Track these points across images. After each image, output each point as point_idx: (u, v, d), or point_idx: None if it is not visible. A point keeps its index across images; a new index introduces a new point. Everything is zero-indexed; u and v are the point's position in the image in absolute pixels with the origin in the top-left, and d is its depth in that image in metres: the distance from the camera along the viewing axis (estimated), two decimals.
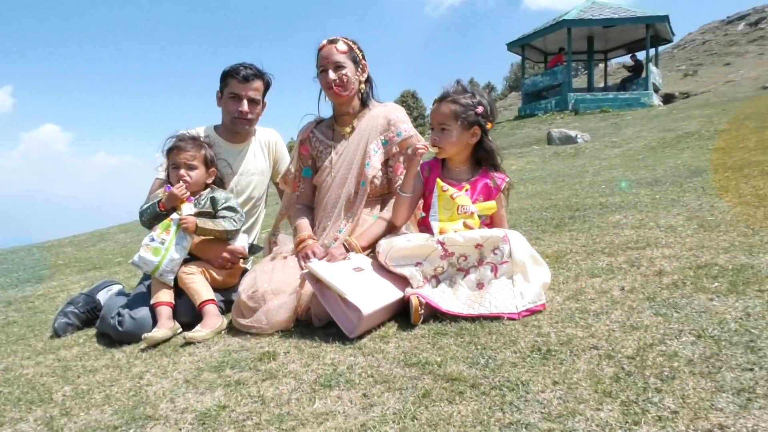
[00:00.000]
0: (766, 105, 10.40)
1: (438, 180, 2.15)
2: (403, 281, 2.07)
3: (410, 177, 2.23)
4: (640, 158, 7.03)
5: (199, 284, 2.30)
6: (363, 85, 2.51)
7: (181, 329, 2.24)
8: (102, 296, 2.65)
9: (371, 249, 2.32)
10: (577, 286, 2.10)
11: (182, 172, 2.41)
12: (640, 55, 18.21)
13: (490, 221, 2.23)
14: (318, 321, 2.07)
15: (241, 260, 2.56)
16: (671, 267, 2.14)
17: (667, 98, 18.45)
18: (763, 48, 23.15)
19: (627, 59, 19.34)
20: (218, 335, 2.15)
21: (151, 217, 2.42)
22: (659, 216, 3.11)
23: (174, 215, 2.34)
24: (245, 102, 2.74)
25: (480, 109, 2.14)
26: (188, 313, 2.30)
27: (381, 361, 1.65)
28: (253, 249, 2.65)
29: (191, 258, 2.42)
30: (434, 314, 1.94)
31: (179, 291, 2.35)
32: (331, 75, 2.40)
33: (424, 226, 2.26)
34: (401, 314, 2.02)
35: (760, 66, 20.40)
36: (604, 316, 1.74)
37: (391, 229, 2.36)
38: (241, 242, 2.51)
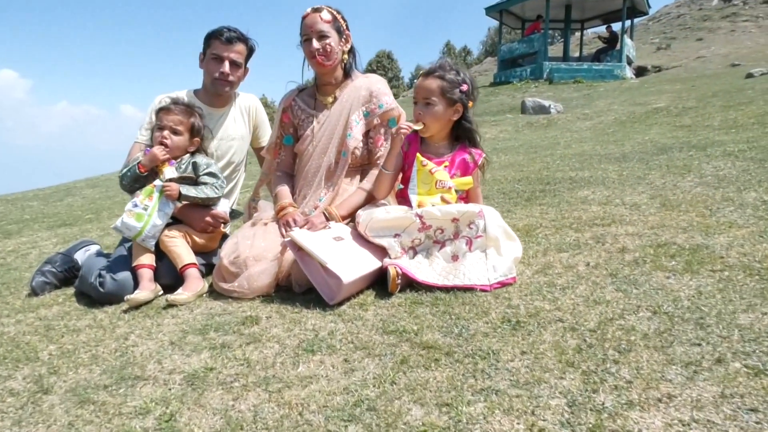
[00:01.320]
0: (732, 83, 10.66)
1: (418, 155, 2.21)
2: (381, 251, 2.15)
3: (393, 155, 2.29)
4: (610, 132, 7.21)
5: (181, 248, 2.34)
6: (346, 56, 2.53)
7: (162, 291, 2.29)
8: (80, 256, 2.66)
9: (350, 218, 2.39)
10: (545, 260, 2.21)
11: (165, 133, 2.41)
12: (616, 27, 18.34)
13: (466, 195, 2.32)
14: (298, 287, 2.15)
15: (222, 225, 2.60)
16: (633, 245, 2.27)
17: (640, 71, 18.72)
18: (735, 25, 23.53)
19: (603, 30, 19.45)
20: (200, 298, 2.21)
21: (132, 179, 2.43)
22: (625, 193, 3.25)
23: (157, 182, 2.35)
24: (227, 63, 2.75)
25: (465, 87, 2.20)
26: (169, 276, 2.34)
27: (360, 328, 1.74)
28: (233, 214, 2.69)
29: (173, 221, 2.45)
30: (410, 284, 2.03)
31: (160, 254, 2.39)
32: (315, 44, 2.41)
33: (402, 198, 2.34)
34: (379, 283, 2.11)
35: (730, 43, 20.79)
36: (570, 291, 1.86)
37: (370, 200, 2.43)
38: (223, 207, 2.55)
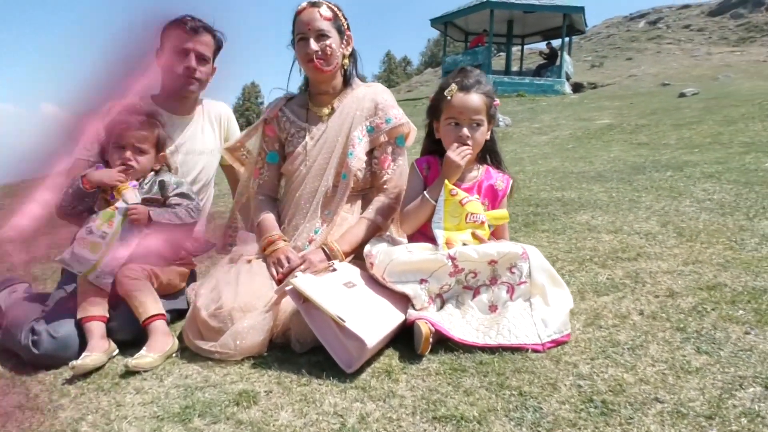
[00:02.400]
0: (668, 102, 11.01)
1: (446, 182, 1.83)
2: (402, 300, 1.76)
3: (442, 184, 1.89)
4: (571, 148, 7.12)
5: (146, 293, 1.83)
6: (347, 60, 2.13)
7: (117, 351, 1.79)
8: (3, 299, 2.10)
9: (354, 255, 1.99)
10: (587, 306, 1.90)
11: (128, 154, 1.92)
12: (555, 43, 18.79)
13: (494, 229, 1.97)
14: (299, 346, 1.71)
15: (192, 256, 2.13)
16: (678, 286, 2.00)
17: (576, 87, 19.25)
18: (660, 46, 24.78)
19: (542, 46, 19.91)
20: (169, 360, 1.74)
21: (73, 198, 1.90)
22: (628, 219, 3.03)
23: (120, 203, 1.85)
24: (193, 56, 2.25)
25: (497, 102, 1.86)
26: (127, 330, 1.83)
27: (399, 411, 1.34)
28: (206, 245, 2.22)
29: None
30: (440, 339, 1.66)
31: (112, 299, 1.88)
32: (313, 45, 2.00)
33: (420, 233, 1.96)
34: (400, 339, 1.72)
35: (658, 63, 21.83)
36: (642, 353, 1.54)
37: (376, 232, 2.05)
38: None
